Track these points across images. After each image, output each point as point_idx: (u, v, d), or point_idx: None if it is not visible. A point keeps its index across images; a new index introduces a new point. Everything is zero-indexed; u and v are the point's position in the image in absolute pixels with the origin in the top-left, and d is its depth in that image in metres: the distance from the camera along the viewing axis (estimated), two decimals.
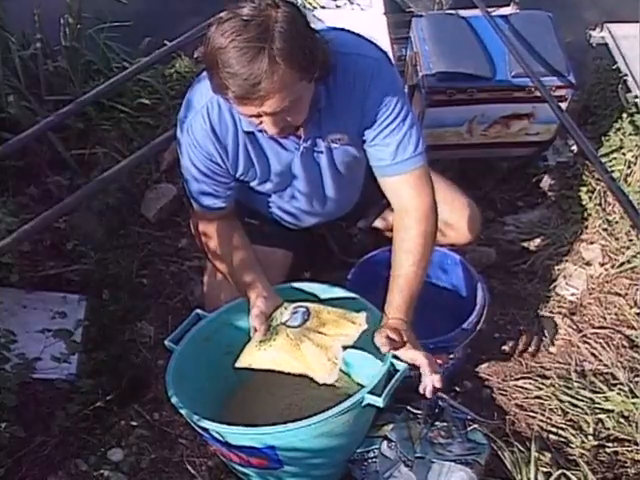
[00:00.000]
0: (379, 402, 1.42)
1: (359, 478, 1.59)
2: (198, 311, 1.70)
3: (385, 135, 1.54)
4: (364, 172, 1.78)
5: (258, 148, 1.57)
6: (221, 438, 1.48)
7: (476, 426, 1.64)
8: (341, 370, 1.82)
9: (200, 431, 1.53)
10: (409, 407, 1.64)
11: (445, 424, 1.62)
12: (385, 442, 1.60)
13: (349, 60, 1.48)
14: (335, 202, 1.79)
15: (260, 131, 1.52)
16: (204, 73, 1.51)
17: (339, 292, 1.75)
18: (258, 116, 1.38)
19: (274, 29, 1.27)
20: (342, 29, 1.57)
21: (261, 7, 1.29)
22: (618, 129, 2.51)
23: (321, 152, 1.61)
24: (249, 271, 1.62)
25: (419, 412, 1.61)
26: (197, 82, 1.55)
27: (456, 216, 1.88)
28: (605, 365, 1.94)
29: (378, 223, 1.99)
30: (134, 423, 1.84)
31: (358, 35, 1.56)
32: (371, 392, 1.43)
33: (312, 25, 1.37)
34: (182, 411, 1.49)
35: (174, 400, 1.51)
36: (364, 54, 1.51)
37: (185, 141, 1.55)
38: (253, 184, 1.67)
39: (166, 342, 1.65)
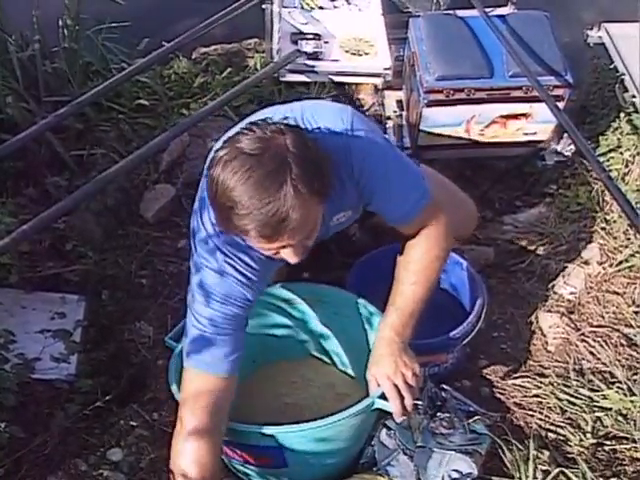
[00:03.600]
0: (389, 407, 1.43)
1: (357, 465, 1.60)
2: None
3: (385, 195, 1.48)
4: None
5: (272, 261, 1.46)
6: (232, 437, 1.47)
7: (479, 417, 1.65)
8: (339, 369, 1.83)
9: None
10: None
11: (447, 415, 1.63)
12: (384, 430, 1.60)
13: (324, 140, 1.34)
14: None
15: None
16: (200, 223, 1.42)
17: (338, 292, 1.75)
18: (279, 248, 1.29)
19: (289, 157, 1.19)
20: (298, 104, 1.45)
21: (266, 136, 1.21)
22: (616, 128, 2.52)
23: (329, 230, 1.58)
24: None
25: (419, 402, 1.61)
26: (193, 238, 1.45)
27: (453, 212, 1.88)
28: (603, 363, 1.94)
29: (376, 220, 1.99)
30: (133, 423, 1.84)
31: (316, 103, 1.47)
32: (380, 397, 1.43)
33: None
34: None
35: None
36: (332, 127, 1.38)
37: (209, 299, 1.41)
38: None
39: (166, 339, 1.66)
